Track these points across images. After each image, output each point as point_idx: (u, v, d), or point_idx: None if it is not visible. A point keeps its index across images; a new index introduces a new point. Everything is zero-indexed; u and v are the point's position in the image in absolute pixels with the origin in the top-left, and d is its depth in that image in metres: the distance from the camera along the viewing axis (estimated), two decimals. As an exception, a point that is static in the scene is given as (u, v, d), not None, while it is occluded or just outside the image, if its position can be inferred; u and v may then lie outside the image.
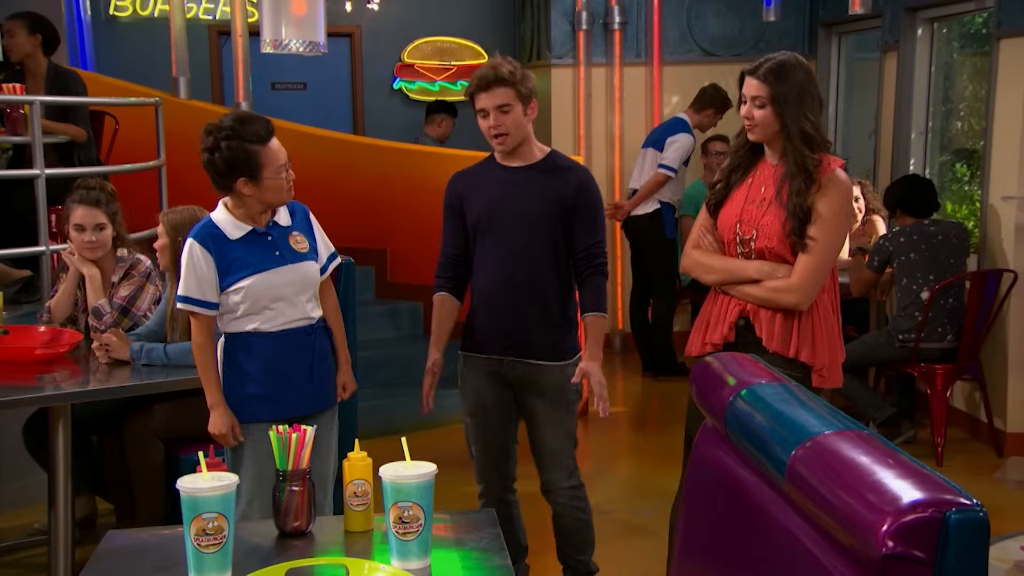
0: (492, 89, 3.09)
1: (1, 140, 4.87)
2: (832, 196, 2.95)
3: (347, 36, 8.29)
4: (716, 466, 2.10)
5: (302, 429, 2.18)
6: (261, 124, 2.96)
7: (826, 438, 1.65)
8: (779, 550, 1.74)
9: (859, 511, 1.42)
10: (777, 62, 2.98)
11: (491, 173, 3.27)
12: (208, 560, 1.95)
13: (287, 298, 3.03)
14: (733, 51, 7.56)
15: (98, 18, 7.82)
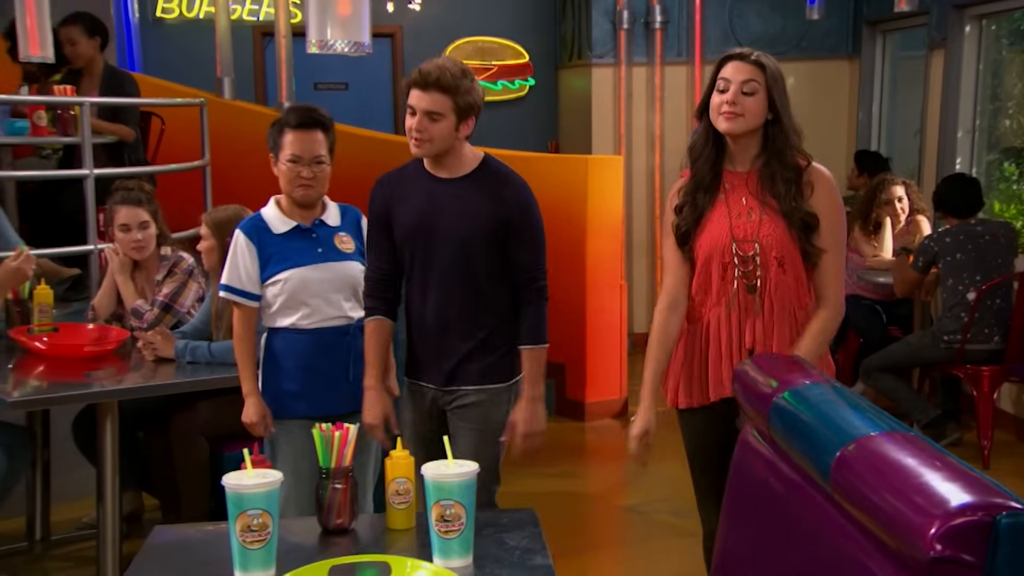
0: (429, 91, 2.75)
1: (52, 140, 4.94)
2: (826, 193, 2.67)
3: (389, 36, 8.32)
4: (758, 467, 2.08)
5: (344, 427, 2.19)
6: (299, 113, 3.04)
7: (871, 440, 1.63)
8: (823, 551, 1.72)
9: (906, 514, 1.41)
10: (762, 52, 2.69)
11: (419, 182, 2.88)
12: (253, 556, 1.97)
13: (324, 295, 3.05)
14: (775, 50, 7.46)
15: (145, 20, 7.91)
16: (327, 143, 3.06)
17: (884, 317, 5.75)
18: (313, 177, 3.03)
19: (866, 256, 5.71)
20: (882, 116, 7.58)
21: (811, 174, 2.66)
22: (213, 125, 5.37)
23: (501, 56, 8.46)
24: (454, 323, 2.86)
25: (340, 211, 3.18)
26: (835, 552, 1.67)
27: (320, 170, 3.04)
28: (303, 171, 3.01)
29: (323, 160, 3.05)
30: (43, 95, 4.94)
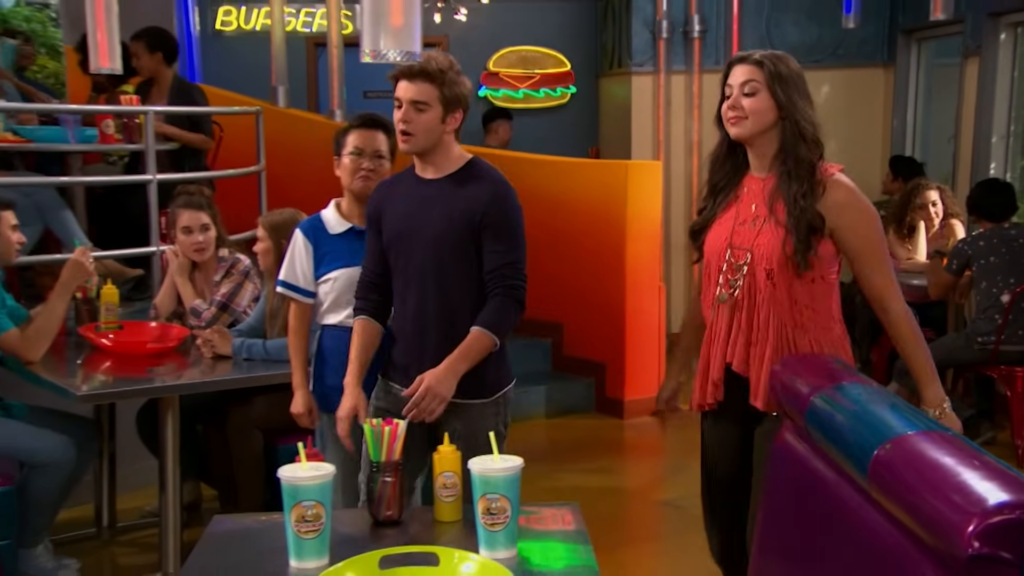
0: (414, 80, 2.62)
1: (118, 148, 5.01)
2: (848, 197, 2.44)
3: (436, 46, 8.35)
4: (796, 464, 2.06)
5: (394, 423, 2.20)
6: (363, 115, 3.12)
7: (909, 438, 1.61)
8: (860, 548, 1.70)
9: (944, 512, 1.39)
10: (770, 51, 2.51)
11: (408, 185, 2.78)
12: (307, 545, 1.98)
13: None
14: (812, 58, 7.42)
15: (206, 32, 8.00)
16: (388, 144, 3.09)
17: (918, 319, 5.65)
18: (372, 170, 3.05)
19: (900, 259, 5.64)
20: (916, 122, 7.48)
21: (826, 179, 2.44)
22: (268, 132, 5.42)
23: (544, 65, 8.45)
24: (432, 326, 2.71)
25: None
26: (873, 549, 1.65)
27: (379, 164, 3.07)
28: (364, 163, 3.04)
29: (383, 155, 3.08)
30: (111, 105, 5.02)
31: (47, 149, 4.89)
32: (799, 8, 7.43)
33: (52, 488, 3.55)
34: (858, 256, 2.46)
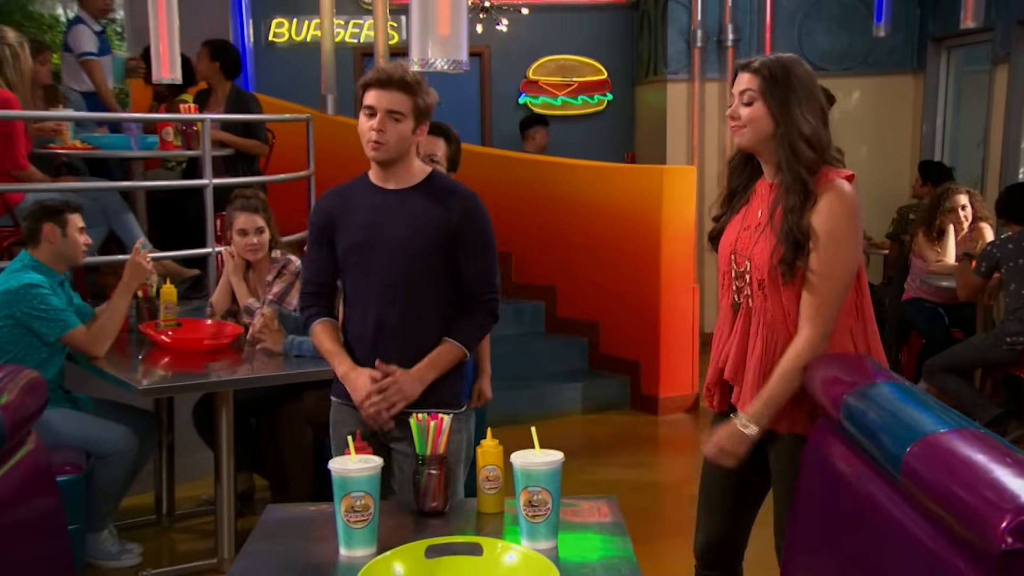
0: (390, 90, 2.49)
1: (177, 154, 5.07)
2: (828, 211, 2.23)
3: (477, 55, 8.36)
4: (829, 460, 2.04)
5: (439, 417, 2.20)
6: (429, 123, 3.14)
7: (941, 436, 1.59)
8: (893, 543, 1.68)
9: (977, 508, 1.37)
10: (775, 57, 2.36)
11: (365, 194, 2.61)
12: (356, 535, 1.99)
13: None
14: (842, 66, 7.35)
15: (259, 44, 8.08)
16: (445, 150, 3.03)
17: (947, 319, 5.60)
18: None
19: (930, 261, 5.57)
20: (946, 128, 7.37)
21: (821, 187, 2.26)
22: (317, 139, 5.46)
23: (581, 73, 8.44)
24: (391, 335, 2.58)
25: None
26: (906, 544, 1.63)
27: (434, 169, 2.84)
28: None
29: (437, 160, 2.99)
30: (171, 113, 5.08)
31: (112, 156, 4.96)
32: (830, 17, 7.36)
33: (116, 477, 3.60)
34: (811, 263, 2.24)
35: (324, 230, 2.64)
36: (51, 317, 3.47)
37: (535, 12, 8.20)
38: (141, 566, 3.68)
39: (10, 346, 3.43)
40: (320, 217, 2.67)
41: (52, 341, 3.50)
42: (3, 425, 1.90)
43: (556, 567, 1.76)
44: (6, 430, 1.91)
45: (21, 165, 4.39)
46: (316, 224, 2.68)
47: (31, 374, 2.19)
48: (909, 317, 5.72)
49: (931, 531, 1.56)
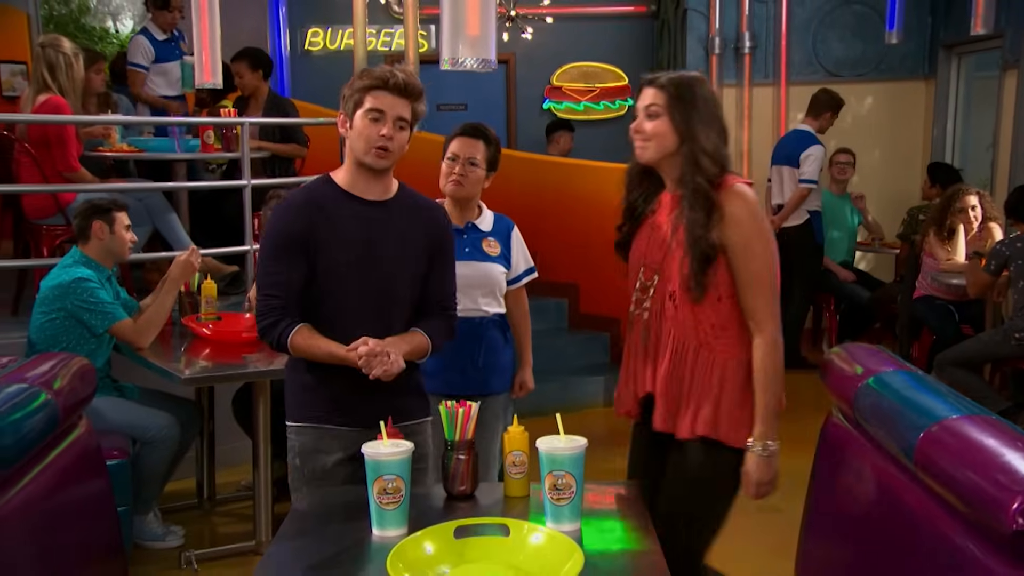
0: (402, 97, 2.31)
1: (218, 156, 5.11)
2: (736, 220, 2.15)
3: (504, 62, 8.37)
4: (844, 448, 2.03)
5: (467, 404, 2.19)
6: (468, 125, 3.08)
7: (954, 422, 1.58)
8: (907, 526, 1.67)
9: (989, 490, 1.35)
10: (680, 74, 2.27)
11: (345, 206, 2.34)
12: (388, 516, 1.99)
13: (463, 289, 2.91)
14: (856, 72, 7.29)
15: (295, 52, 8.13)
16: (485, 152, 3.00)
17: (957, 316, 5.54)
18: (463, 175, 2.95)
19: (940, 260, 5.51)
20: (956, 132, 7.29)
21: (723, 198, 2.17)
22: (351, 142, 5.48)
23: (603, 79, 8.42)
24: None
25: (494, 219, 3.12)
26: (919, 526, 1.62)
27: (471, 171, 2.97)
28: (456, 167, 2.96)
29: (476, 163, 2.98)
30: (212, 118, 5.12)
31: (156, 158, 5.00)
32: (844, 25, 7.30)
33: (160, 462, 3.63)
34: (737, 273, 2.16)
35: (299, 243, 2.30)
36: (99, 310, 3.50)
37: (559, 21, 8.19)
38: (184, 547, 3.70)
39: (62, 337, 3.47)
40: (294, 229, 2.30)
41: (100, 333, 3.54)
42: (56, 409, 1.92)
43: (580, 547, 1.76)
44: (59, 414, 1.93)
45: (73, 167, 4.45)
46: (288, 236, 2.30)
47: (82, 361, 2.22)
48: (920, 314, 5.67)
49: (944, 514, 1.55)
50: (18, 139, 4.51)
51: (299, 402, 2.43)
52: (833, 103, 6.31)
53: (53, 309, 3.49)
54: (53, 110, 4.36)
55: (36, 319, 3.53)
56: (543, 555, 1.79)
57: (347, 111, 2.33)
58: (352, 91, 2.32)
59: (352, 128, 2.32)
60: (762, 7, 7.23)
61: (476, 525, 1.91)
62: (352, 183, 2.36)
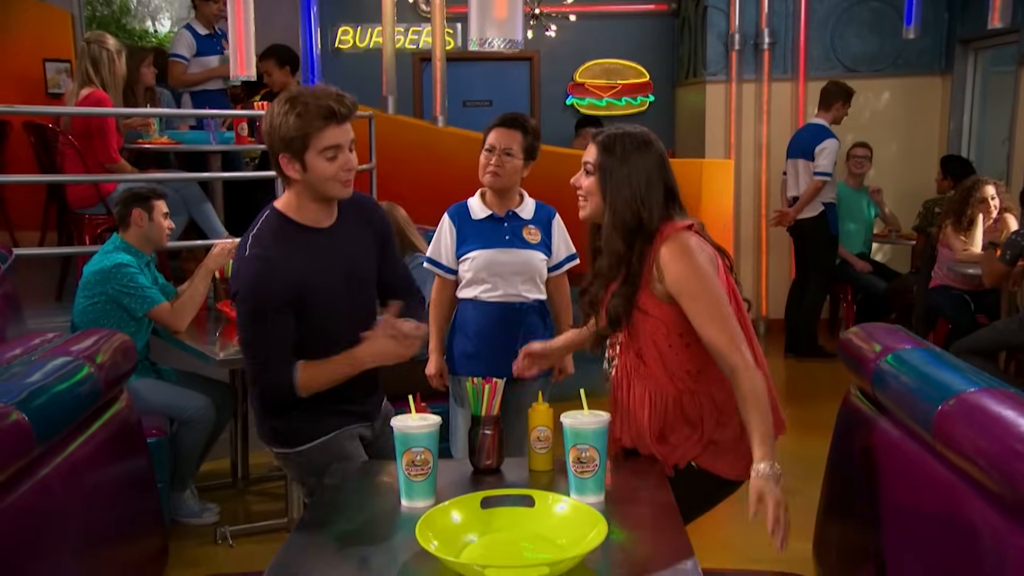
0: (346, 124, 2.17)
1: (250, 148, 5.14)
2: (670, 270, 2.06)
3: (527, 60, 8.34)
4: (862, 427, 2.01)
5: (493, 381, 2.19)
6: (507, 116, 3.07)
7: (972, 395, 1.55)
8: (925, 500, 1.65)
9: (1008, 461, 1.33)
10: (623, 130, 2.16)
11: (305, 246, 2.21)
12: (416, 487, 2.00)
13: (504, 276, 3.02)
14: (873, 67, 7.21)
15: (326, 50, 8.14)
16: (522, 142, 3.00)
17: (972, 306, 5.48)
18: (500, 166, 2.97)
19: (956, 250, 5.45)
20: (972, 127, 7.20)
21: (658, 250, 2.08)
22: (378, 136, 5.49)
23: (625, 76, 8.38)
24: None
25: (535, 208, 3.13)
26: (938, 500, 1.60)
27: (507, 161, 2.98)
28: (493, 159, 2.97)
29: (512, 153, 2.98)
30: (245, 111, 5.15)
31: (192, 150, 5.04)
32: (862, 21, 7.22)
33: (196, 441, 3.66)
34: (690, 317, 2.07)
35: (287, 301, 2.18)
36: (139, 294, 3.53)
37: (582, 19, 8.16)
38: (219, 523, 3.73)
39: (103, 320, 3.50)
40: (277, 289, 2.16)
41: (139, 316, 3.56)
42: (98, 382, 1.94)
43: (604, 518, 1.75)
44: (101, 386, 1.95)
45: (113, 158, 4.49)
46: (274, 297, 2.16)
47: (122, 337, 2.23)
48: (936, 304, 5.61)
49: (963, 486, 1.53)
50: (62, 131, 4.56)
51: (295, 428, 2.34)
52: (842, 93, 6.24)
53: (95, 293, 3.52)
54: (96, 103, 4.41)
55: (79, 303, 3.57)
56: (567, 524, 1.79)
57: (291, 152, 2.11)
58: (293, 132, 2.10)
59: (307, 171, 2.13)
60: (781, 3, 7.17)
61: (502, 496, 1.90)
62: (310, 217, 2.23)
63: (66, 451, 1.81)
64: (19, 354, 1.98)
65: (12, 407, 1.59)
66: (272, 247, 2.18)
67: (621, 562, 1.74)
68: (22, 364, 1.87)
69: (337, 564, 1.75)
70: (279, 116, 2.12)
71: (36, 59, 6.59)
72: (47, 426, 1.68)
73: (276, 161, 2.17)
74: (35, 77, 6.53)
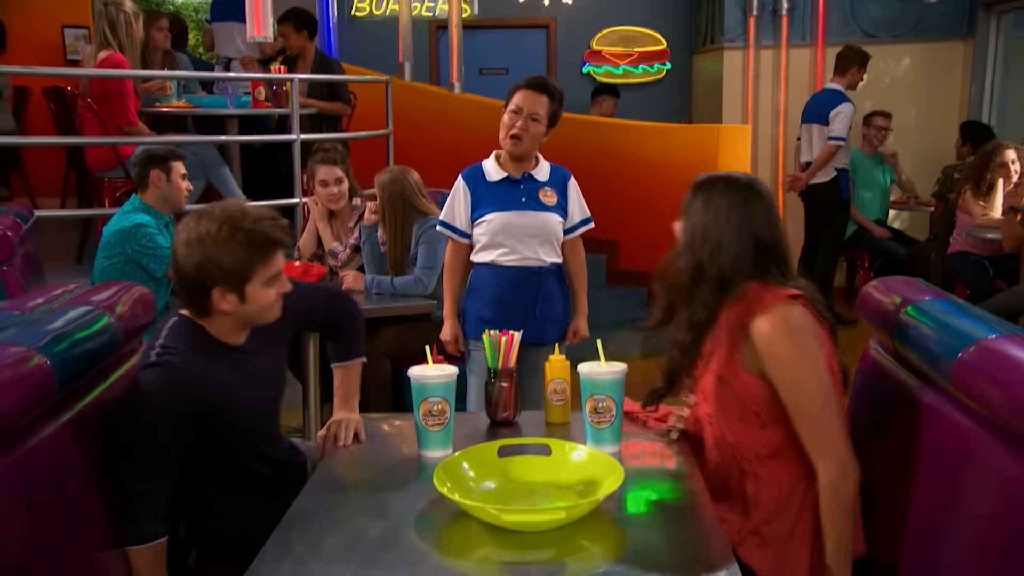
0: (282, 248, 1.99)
1: (268, 111, 5.12)
2: (777, 348, 1.78)
3: (544, 27, 8.29)
4: (882, 379, 1.99)
5: (510, 334, 2.19)
6: (534, 78, 2.96)
7: (991, 342, 1.53)
8: (946, 445, 1.63)
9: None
10: (722, 175, 1.98)
11: (228, 364, 1.99)
12: (433, 437, 2.00)
13: (521, 239, 2.97)
14: (893, 32, 7.10)
15: (343, 17, 8.11)
16: (548, 107, 2.91)
17: (991, 271, 5.42)
18: (524, 129, 2.88)
19: (975, 216, 5.38)
20: (994, 92, 7.09)
21: (756, 325, 1.81)
22: (395, 102, 5.47)
23: (642, 43, 8.31)
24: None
25: (551, 170, 3.06)
26: (958, 447, 1.59)
27: (532, 126, 2.89)
28: (519, 121, 2.88)
29: (538, 119, 2.90)
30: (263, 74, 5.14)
31: (210, 114, 5.03)
32: (882, -15, 7.12)
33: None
34: (787, 401, 1.80)
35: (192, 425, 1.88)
36: (158, 255, 3.54)
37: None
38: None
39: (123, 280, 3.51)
40: (185, 413, 1.85)
41: (159, 277, 3.57)
42: (118, 331, 1.94)
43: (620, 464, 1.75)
44: (120, 336, 1.96)
45: (131, 121, 4.49)
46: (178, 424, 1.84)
47: (141, 289, 2.24)
48: (955, 269, 5.56)
49: (982, 432, 1.51)
50: (81, 94, 4.56)
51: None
52: (858, 57, 6.15)
53: (115, 254, 3.53)
54: (114, 66, 4.40)
55: (99, 263, 3.58)
56: (584, 471, 1.79)
57: (228, 283, 1.88)
58: (237, 263, 1.88)
59: (246, 302, 1.92)
60: (800, -32, 7.08)
61: (519, 445, 1.91)
62: (228, 332, 1.99)
63: (87, 398, 1.82)
64: (40, 303, 1.99)
65: (35, 351, 1.59)
66: (183, 369, 1.86)
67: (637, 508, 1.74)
68: (43, 312, 1.88)
69: (355, 512, 1.76)
70: (218, 245, 1.86)
71: (55, 25, 6.59)
72: (69, 372, 1.69)
73: (204, 293, 1.89)
74: (54, 43, 6.53)
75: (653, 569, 1.49)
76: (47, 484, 1.57)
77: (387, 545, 1.58)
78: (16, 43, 6.22)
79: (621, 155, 6.25)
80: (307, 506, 1.77)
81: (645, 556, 1.54)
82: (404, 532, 1.63)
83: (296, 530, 1.64)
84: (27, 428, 1.56)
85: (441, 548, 1.57)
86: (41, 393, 1.59)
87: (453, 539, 1.61)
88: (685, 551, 1.59)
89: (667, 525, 1.68)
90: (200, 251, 1.87)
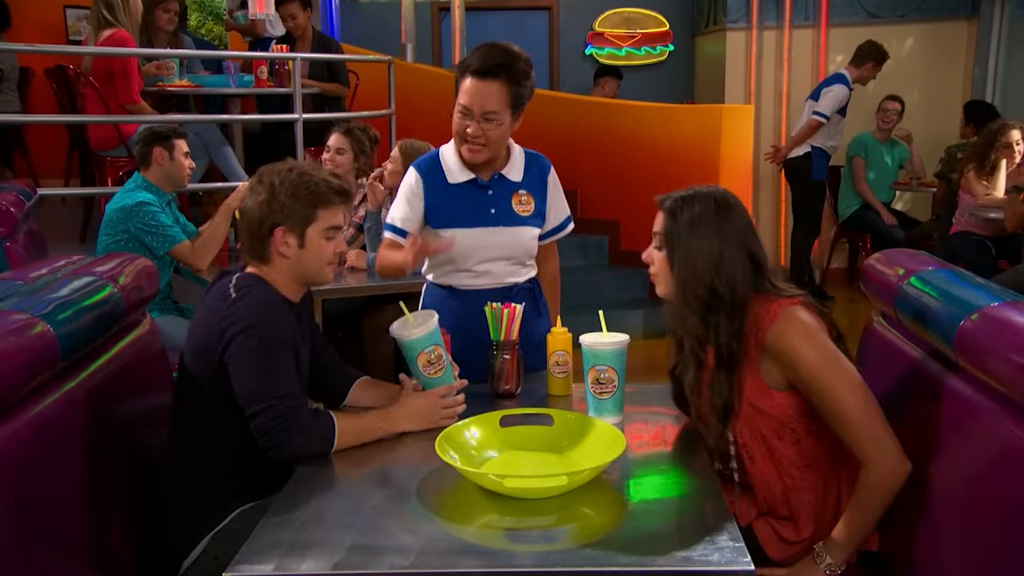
0: (347, 203, 2.02)
1: (270, 91, 5.11)
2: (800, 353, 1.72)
3: (547, 9, 8.24)
4: (885, 351, 1.99)
5: (512, 306, 2.18)
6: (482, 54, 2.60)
7: (993, 309, 1.53)
8: (948, 415, 1.63)
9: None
10: (693, 192, 1.84)
11: (293, 319, 1.96)
12: (437, 382, 2.04)
13: (488, 260, 2.40)
14: (897, 13, 7.06)
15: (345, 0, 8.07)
16: (507, 96, 2.24)
17: (994, 251, 5.41)
18: (481, 136, 2.26)
19: (978, 196, 5.36)
20: (998, 72, 7.05)
21: (767, 329, 1.76)
22: (397, 84, 5.45)
23: (644, 25, 8.26)
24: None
25: (525, 162, 2.45)
26: (960, 414, 1.59)
27: (490, 130, 2.26)
28: (470, 128, 2.26)
29: (493, 118, 2.25)
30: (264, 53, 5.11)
31: (212, 93, 5.02)
32: (886, -35, 7.07)
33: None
34: (825, 409, 1.75)
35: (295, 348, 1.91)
36: (160, 232, 3.53)
37: (601, -33, 8.05)
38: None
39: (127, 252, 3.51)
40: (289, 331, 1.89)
41: (162, 255, 3.57)
42: (121, 301, 1.94)
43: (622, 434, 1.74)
44: (124, 307, 1.96)
45: (134, 100, 4.48)
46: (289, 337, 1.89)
47: (144, 262, 2.24)
48: (957, 249, 5.54)
49: (984, 399, 1.51)
50: (83, 73, 4.55)
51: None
52: (877, 54, 6.14)
53: (117, 231, 3.53)
54: (118, 44, 4.39)
55: (102, 240, 3.58)
56: (586, 440, 1.79)
57: (290, 224, 1.90)
58: (301, 202, 1.90)
59: (304, 247, 1.92)
60: (804, -52, 7.03)
61: (521, 415, 1.90)
62: (288, 290, 1.96)
63: (90, 368, 1.82)
64: (44, 273, 1.99)
65: (38, 318, 1.59)
66: (278, 305, 1.89)
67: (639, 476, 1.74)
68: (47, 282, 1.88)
69: (357, 478, 1.76)
70: (285, 184, 1.90)
71: (57, 6, 6.57)
72: (72, 340, 1.69)
73: (266, 233, 1.91)
74: (56, 24, 6.52)
75: (654, 535, 1.49)
76: (46, 456, 1.57)
77: (389, 512, 1.59)
78: (18, 24, 6.21)
79: (624, 136, 6.22)
80: (309, 472, 1.77)
81: (646, 522, 1.55)
82: (406, 499, 1.63)
83: (299, 496, 1.65)
84: (29, 396, 1.56)
85: (443, 515, 1.57)
86: (44, 360, 1.59)
87: (455, 506, 1.61)
88: (685, 517, 1.59)
89: (668, 492, 1.68)
90: (269, 189, 1.92)
